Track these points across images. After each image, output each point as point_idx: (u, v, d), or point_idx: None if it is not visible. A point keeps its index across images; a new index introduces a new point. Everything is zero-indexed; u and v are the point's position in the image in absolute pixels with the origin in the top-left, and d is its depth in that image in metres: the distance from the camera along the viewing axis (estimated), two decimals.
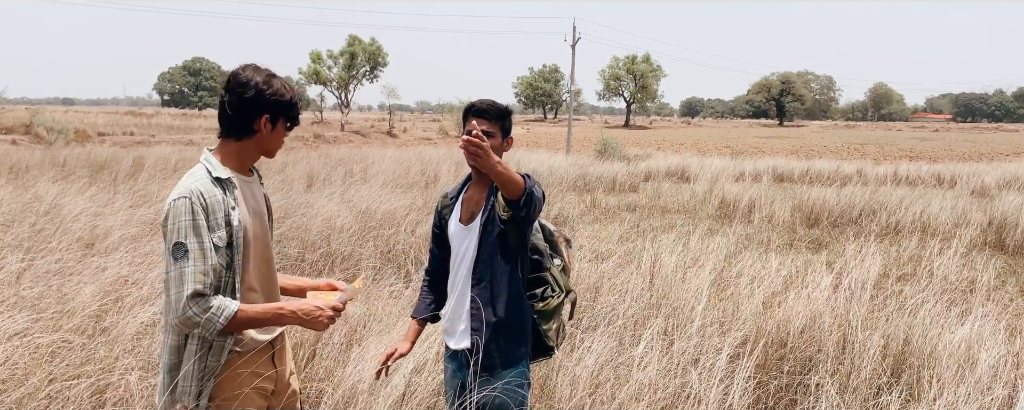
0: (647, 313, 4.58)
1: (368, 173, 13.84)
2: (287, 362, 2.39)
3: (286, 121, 2.19)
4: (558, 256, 2.70)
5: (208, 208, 2.03)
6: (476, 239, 2.53)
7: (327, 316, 2.13)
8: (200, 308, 1.98)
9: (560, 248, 2.72)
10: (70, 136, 26.49)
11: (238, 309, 2.03)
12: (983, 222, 10.21)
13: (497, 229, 2.49)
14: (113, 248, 5.80)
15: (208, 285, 2.00)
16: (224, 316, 2.01)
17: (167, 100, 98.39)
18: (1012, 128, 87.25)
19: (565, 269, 2.70)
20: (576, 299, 2.73)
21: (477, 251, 2.52)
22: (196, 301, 1.98)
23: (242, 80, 2.12)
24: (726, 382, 3.53)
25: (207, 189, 2.06)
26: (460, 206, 2.64)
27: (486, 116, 2.52)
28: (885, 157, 31.64)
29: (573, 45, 34.62)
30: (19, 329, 3.50)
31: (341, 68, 53.11)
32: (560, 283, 2.64)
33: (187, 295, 1.97)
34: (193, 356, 2.08)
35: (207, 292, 2.00)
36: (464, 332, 2.55)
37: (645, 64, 79.84)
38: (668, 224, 10.59)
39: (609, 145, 23.47)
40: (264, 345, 2.23)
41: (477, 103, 2.56)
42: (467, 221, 2.59)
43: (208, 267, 2.00)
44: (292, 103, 2.18)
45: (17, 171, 12.50)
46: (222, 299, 2.03)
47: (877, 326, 4.23)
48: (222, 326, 2.01)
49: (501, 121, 2.54)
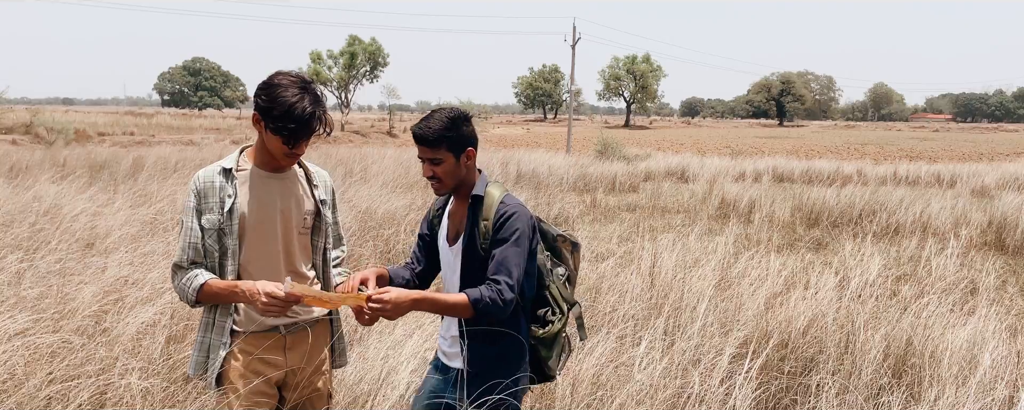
0: (647, 313, 4.57)
1: (368, 173, 13.83)
2: (311, 360, 2.41)
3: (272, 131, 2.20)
4: (563, 264, 2.43)
5: (202, 192, 2.26)
6: (460, 265, 2.33)
7: (260, 300, 2.12)
8: (177, 278, 2.26)
9: (564, 255, 2.44)
10: (70, 136, 26.47)
11: (204, 282, 2.22)
12: (983, 222, 10.20)
13: (479, 256, 2.28)
14: (113, 248, 5.79)
15: (186, 260, 2.25)
16: (192, 288, 2.22)
17: (167, 100, 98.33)
18: (1012, 128, 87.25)
19: (570, 279, 2.44)
20: (581, 314, 2.47)
21: (460, 280, 2.32)
22: (174, 272, 2.28)
23: (263, 82, 2.25)
24: (727, 383, 3.52)
25: (208, 176, 2.28)
26: (447, 220, 2.45)
27: (424, 143, 2.24)
28: (885, 157, 31.62)
29: (573, 45, 34.60)
30: (19, 329, 3.49)
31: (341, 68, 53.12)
32: (562, 302, 2.36)
33: (171, 266, 2.29)
34: (200, 330, 2.33)
35: (185, 265, 2.26)
36: (457, 355, 2.36)
37: (645, 64, 79.83)
38: (668, 224, 10.59)
39: (609, 145, 23.46)
40: (269, 330, 2.31)
41: (415, 128, 2.25)
42: (452, 241, 2.39)
43: (189, 243, 2.25)
44: (275, 114, 2.17)
45: (17, 171, 12.49)
46: (195, 271, 2.24)
47: (879, 326, 4.22)
48: (193, 297, 2.23)
49: (444, 142, 2.23)
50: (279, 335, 2.33)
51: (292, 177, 2.40)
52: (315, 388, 2.43)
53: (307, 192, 2.44)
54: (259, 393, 2.29)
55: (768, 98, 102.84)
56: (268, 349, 2.30)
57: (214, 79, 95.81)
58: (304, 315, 2.39)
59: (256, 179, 2.32)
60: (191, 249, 2.25)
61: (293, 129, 2.18)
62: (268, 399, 2.33)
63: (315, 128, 2.23)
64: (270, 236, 2.32)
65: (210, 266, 2.27)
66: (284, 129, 2.18)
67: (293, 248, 2.38)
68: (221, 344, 2.28)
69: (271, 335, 2.33)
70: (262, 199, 2.31)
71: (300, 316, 2.38)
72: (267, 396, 2.32)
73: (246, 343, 2.29)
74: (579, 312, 2.46)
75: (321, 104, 2.24)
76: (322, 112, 2.24)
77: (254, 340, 2.30)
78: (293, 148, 2.24)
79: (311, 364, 2.41)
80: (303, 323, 2.39)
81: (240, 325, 2.30)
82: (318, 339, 2.44)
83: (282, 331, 2.34)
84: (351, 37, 53.14)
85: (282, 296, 2.10)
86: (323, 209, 2.45)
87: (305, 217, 2.41)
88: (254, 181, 2.31)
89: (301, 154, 2.31)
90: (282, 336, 2.34)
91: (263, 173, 2.33)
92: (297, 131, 2.19)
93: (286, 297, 2.10)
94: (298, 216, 2.39)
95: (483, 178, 2.39)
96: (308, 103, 2.18)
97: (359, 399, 3.31)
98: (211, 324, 2.30)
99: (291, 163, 2.34)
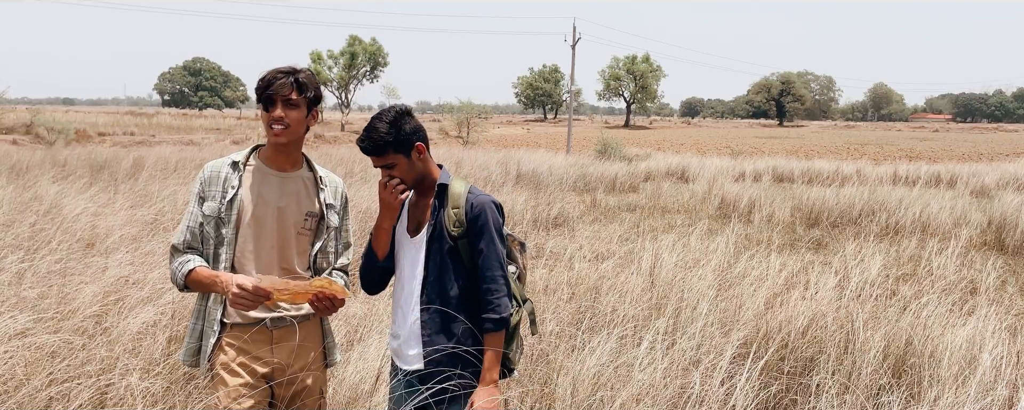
0: (648, 313, 4.57)
1: (368, 173, 13.83)
2: (300, 356, 2.42)
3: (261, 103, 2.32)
4: (513, 263, 2.45)
5: (208, 180, 2.36)
6: (422, 256, 2.34)
7: (231, 291, 2.16)
8: (173, 261, 2.34)
9: (515, 254, 2.47)
10: (71, 136, 26.51)
11: (193, 268, 2.28)
12: (983, 222, 10.20)
13: (446, 245, 2.30)
14: (114, 248, 5.79)
15: (182, 243, 2.33)
16: (182, 272, 2.29)
17: (167, 100, 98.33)
18: (1012, 128, 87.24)
19: (520, 277, 2.47)
20: (533, 310, 2.50)
21: (424, 270, 2.33)
22: (172, 253, 2.35)
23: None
24: (728, 383, 3.52)
25: (216, 166, 2.38)
26: (406, 212, 2.44)
27: (371, 154, 2.28)
28: (885, 157, 31.63)
29: (573, 45, 34.61)
30: (20, 330, 3.49)
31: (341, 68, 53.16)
32: (517, 295, 2.40)
33: (170, 246, 2.36)
34: (193, 316, 2.40)
35: (180, 248, 2.33)
36: (416, 356, 2.35)
37: (645, 64, 79.83)
38: (668, 224, 10.59)
39: (609, 145, 23.47)
40: (255, 323, 2.34)
41: (358, 143, 2.30)
42: (413, 232, 2.39)
43: (188, 226, 2.34)
44: (257, 87, 2.32)
45: (18, 171, 12.49)
46: (188, 256, 2.31)
47: (879, 326, 4.22)
48: (182, 282, 2.30)
49: (387, 148, 2.25)
50: (264, 329, 2.36)
51: (297, 177, 2.44)
52: (305, 384, 2.44)
53: (312, 194, 2.45)
54: (247, 386, 2.30)
55: (768, 98, 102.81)
56: (254, 343, 2.34)
57: (214, 79, 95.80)
58: (292, 310, 2.40)
59: (260, 175, 2.38)
60: (189, 232, 2.33)
61: (264, 90, 2.28)
62: (257, 393, 2.33)
63: (285, 90, 2.27)
64: (265, 231, 2.36)
65: (205, 253, 2.35)
66: (261, 94, 2.30)
67: (289, 246, 2.39)
68: (212, 332, 2.34)
69: (260, 330, 2.36)
70: (262, 194, 2.36)
71: (287, 311, 2.38)
72: (256, 390, 2.33)
73: (232, 335, 2.34)
74: (531, 309, 2.50)
75: (300, 72, 2.33)
76: (300, 76, 2.31)
77: (240, 332, 2.34)
78: (270, 111, 2.29)
79: (300, 360, 2.42)
80: (290, 318, 2.39)
81: (228, 316, 2.35)
82: (308, 336, 2.45)
83: (268, 325, 2.36)
84: (351, 37, 53.21)
85: (250, 288, 2.13)
86: (328, 213, 2.47)
87: (305, 218, 2.42)
88: (258, 176, 2.38)
89: (287, 124, 2.30)
90: (268, 331, 2.36)
91: (268, 170, 2.40)
92: (266, 89, 2.28)
93: (253, 290, 2.13)
94: (297, 215, 2.40)
95: (445, 170, 2.43)
96: (282, 70, 2.31)
97: (360, 399, 3.31)
98: (203, 311, 2.37)
99: (279, 135, 2.31)
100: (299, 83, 2.30)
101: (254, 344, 2.34)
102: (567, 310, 4.61)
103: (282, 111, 2.28)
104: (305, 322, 2.44)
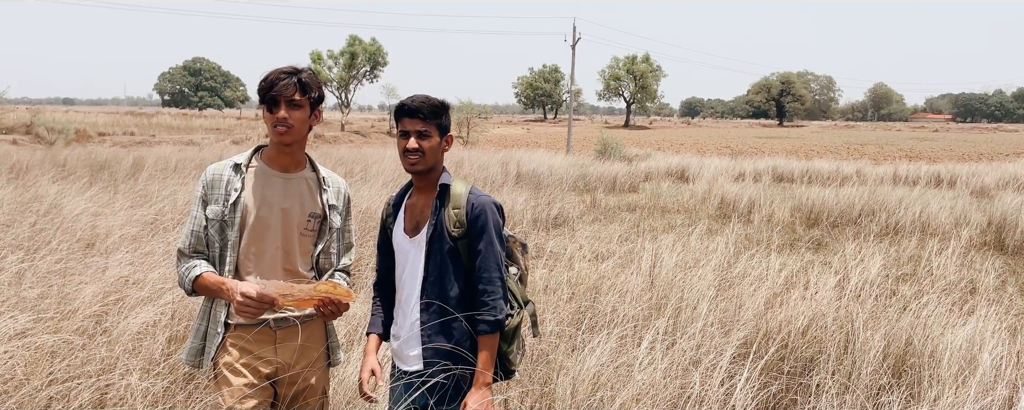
0: (648, 313, 4.57)
1: (368, 173, 13.83)
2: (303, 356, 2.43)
3: (264, 108, 2.32)
4: (515, 264, 2.45)
5: (211, 183, 2.35)
6: (423, 256, 2.33)
7: (236, 299, 2.18)
8: (180, 265, 2.35)
9: (515, 255, 2.46)
10: (71, 136, 26.49)
11: (200, 273, 2.29)
12: (983, 222, 10.20)
13: (446, 245, 2.30)
14: (114, 248, 5.79)
15: (188, 246, 2.34)
16: (189, 278, 2.30)
17: (167, 100, 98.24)
18: (1012, 128, 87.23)
19: (522, 278, 2.47)
20: (535, 311, 2.50)
21: (424, 270, 2.32)
22: (177, 257, 2.37)
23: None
24: (728, 384, 3.52)
25: (218, 169, 2.37)
26: (403, 214, 2.43)
27: (419, 115, 2.29)
28: (885, 157, 31.63)
29: (573, 45, 34.60)
30: (20, 330, 3.49)
31: (341, 68, 53.13)
32: (518, 297, 2.40)
33: (176, 250, 2.37)
34: (198, 316, 2.40)
35: (186, 252, 2.35)
36: (416, 357, 2.35)
37: (645, 64, 79.80)
38: (668, 224, 10.59)
39: (609, 145, 23.48)
40: (258, 324, 2.34)
41: (408, 102, 2.31)
42: (412, 233, 2.38)
43: (192, 230, 2.34)
44: (260, 88, 2.32)
45: (18, 171, 12.49)
46: (195, 262, 2.32)
47: (879, 326, 4.22)
48: (189, 287, 2.31)
49: (437, 119, 2.31)
50: (268, 329, 2.37)
51: (300, 178, 2.44)
52: (309, 383, 2.45)
53: (315, 195, 2.45)
54: (250, 386, 2.31)
55: (768, 98, 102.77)
56: (257, 343, 2.35)
57: (214, 79, 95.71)
58: (296, 311, 2.40)
59: (263, 176, 2.38)
60: (193, 237, 2.34)
61: (268, 91, 2.28)
62: (260, 392, 2.34)
63: (288, 91, 2.27)
64: (268, 233, 2.36)
65: (210, 257, 2.35)
66: (264, 95, 2.29)
67: (292, 247, 2.40)
68: (216, 333, 2.34)
69: (263, 331, 2.37)
70: (265, 196, 2.36)
71: (290, 311, 2.39)
72: (259, 389, 2.34)
73: (236, 336, 2.34)
74: (533, 310, 2.49)
75: (302, 72, 2.33)
76: (303, 76, 2.32)
77: (243, 332, 2.34)
78: (273, 112, 2.28)
79: (303, 360, 2.42)
80: (293, 319, 2.40)
81: (232, 317, 2.34)
82: (310, 336, 2.45)
83: (271, 326, 2.37)
84: (351, 37, 53.17)
85: (254, 296, 2.14)
86: (330, 214, 2.47)
87: (308, 219, 2.42)
88: (260, 178, 2.38)
89: (291, 125, 2.30)
90: (272, 331, 2.37)
91: (271, 171, 2.40)
92: (270, 90, 2.28)
93: (258, 297, 2.14)
94: (300, 217, 2.40)
95: (446, 171, 2.44)
96: (285, 70, 2.31)
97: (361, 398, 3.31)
98: (208, 312, 2.38)
99: (283, 136, 2.31)
100: (302, 83, 2.30)
101: (257, 344, 2.35)
102: (567, 310, 4.61)
103: (286, 112, 2.28)
104: (308, 322, 2.44)
